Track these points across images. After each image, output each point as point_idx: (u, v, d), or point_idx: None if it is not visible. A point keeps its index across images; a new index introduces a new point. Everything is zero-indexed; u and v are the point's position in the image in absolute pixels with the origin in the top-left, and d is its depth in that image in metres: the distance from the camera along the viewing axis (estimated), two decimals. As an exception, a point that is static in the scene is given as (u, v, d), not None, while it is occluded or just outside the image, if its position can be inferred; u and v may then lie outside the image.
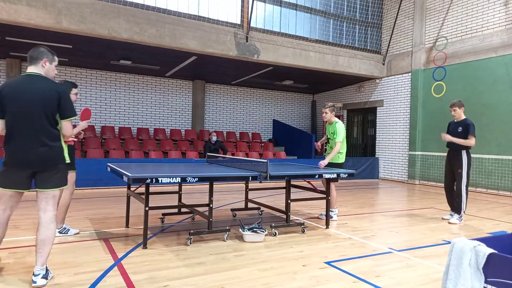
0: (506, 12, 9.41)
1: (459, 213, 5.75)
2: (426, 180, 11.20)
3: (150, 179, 3.67)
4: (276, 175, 4.44)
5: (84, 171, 7.36)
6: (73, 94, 4.20)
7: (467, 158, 5.68)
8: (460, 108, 5.79)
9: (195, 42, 8.93)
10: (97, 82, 11.76)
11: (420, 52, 11.41)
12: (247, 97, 14.59)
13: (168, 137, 12.38)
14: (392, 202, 7.81)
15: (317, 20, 11.17)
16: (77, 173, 4.46)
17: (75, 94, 4.25)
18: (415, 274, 3.46)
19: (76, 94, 4.30)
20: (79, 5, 7.67)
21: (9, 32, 8.09)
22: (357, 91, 13.83)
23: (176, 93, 13.04)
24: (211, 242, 4.29)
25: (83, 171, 7.04)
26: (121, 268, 3.35)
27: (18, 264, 3.41)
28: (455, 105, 5.80)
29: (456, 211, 5.79)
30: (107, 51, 9.48)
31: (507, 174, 9.25)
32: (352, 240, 4.60)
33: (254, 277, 3.24)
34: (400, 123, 12.13)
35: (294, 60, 10.37)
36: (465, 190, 5.67)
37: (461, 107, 5.80)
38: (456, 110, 5.79)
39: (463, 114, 5.84)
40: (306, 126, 15.99)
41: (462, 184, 5.66)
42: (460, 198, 5.69)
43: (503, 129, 9.32)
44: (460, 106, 5.79)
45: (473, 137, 5.60)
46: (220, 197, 7.72)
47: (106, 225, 5.02)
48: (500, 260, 2.15)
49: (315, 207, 6.89)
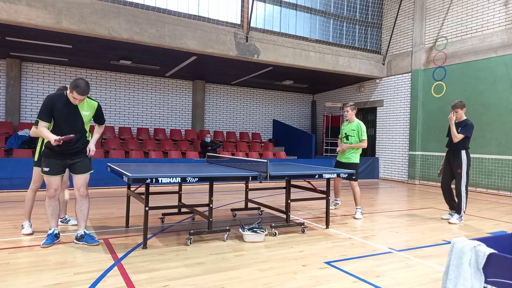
0: (506, 12, 9.41)
1: (459, 213, 5.73)
2: (426, 180, 11.20)
3: (150, 179, 3.67)
4: (276, 175, 4.44)
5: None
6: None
7: (466, 158, 5.69)
8: (462, 109, 5.79)
9: (195, 42, 8.93)
10: (97, 82, 11.76)
11: (420, 52, 11.41)
12: (247, 97, 14.59)
13: (168, 137, 12.39)
14: (392, 202, 7.81)
15: (317, 20, 11.17)
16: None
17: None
18: (415, 274, 3.46)
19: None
20: (79, 5, 7.67)
21: (9, 32, 8.09)
22: (357, 91, 13.83)
23: (176, 93, 13.05)
24: (211, 242, 4.29)
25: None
26: (121, 268, 3.34)
27: (18, 264, 3.41)
28: (457, 106, 5.79)
29: (456, 211, 5.79)
30: (107, 51, 9.48)
31: (507, 174, 9.25)
32: (352, 240, 4.60)
33: (254, 277, 3.24)
34: (400, 123, 12.13)
35: (294, 60, 10.37)
36: (465, 190, 5.67)
37: (462, 108, 5.80)
38: (458, 111, 5.79)
39: (464, 115, 5.84)
40: (306, 126, 15.99)
41: (462, 184, 5.66)
42: (460, 198, 5.69)
43: (503, 129, 9.32)
44: (462, 107, 5.79)
45: (461, 135, 5.64)
46: (220, 197, 7.72)
47: (106, 225, 5.02)
48: (500, 260, 2.15)
49: (315, 207, 6.89)
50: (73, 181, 4.07)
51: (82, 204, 4.03)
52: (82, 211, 4.04)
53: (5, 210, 5.80)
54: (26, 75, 10.86)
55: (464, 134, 5.66)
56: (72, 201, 5.97)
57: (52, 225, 4.03)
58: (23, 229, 4.43)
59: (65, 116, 3.87)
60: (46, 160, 3.94)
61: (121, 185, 8.59)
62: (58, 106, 3.83)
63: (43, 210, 5.82)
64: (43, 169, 3.95)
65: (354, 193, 6.16)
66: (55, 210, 4.01)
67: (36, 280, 3.03)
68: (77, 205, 4.05)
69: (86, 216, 4.07)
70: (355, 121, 6.17)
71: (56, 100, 3.84)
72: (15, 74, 10.56)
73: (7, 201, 6.58)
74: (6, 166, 7.77)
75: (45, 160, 3.95)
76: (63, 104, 3.85)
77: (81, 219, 4.04)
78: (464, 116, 5.84)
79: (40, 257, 3.59)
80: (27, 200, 4.43)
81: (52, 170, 3.93)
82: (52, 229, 4.03)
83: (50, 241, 3.96)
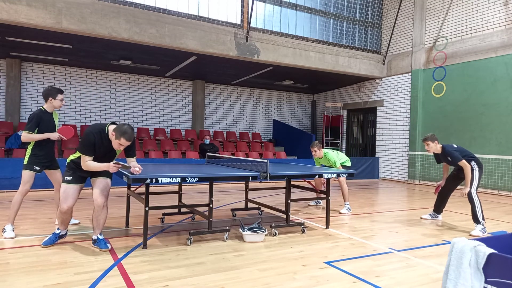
0: (506, 12, 9.41)
1: (478, 222, 5.14)
2: (426, 180, 11.20)
3: (150, 179, 3.67)
4: (276, 175, 4.44)
5: (84, 171, 7.36)
6: (59, 100, 4.54)
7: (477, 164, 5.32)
8: (433, 142, 5.39)
9: (195, 42, 8.93)
10: (97, 82, 11.76)
11: (420, 52, 11.41)
12: (247, 97, 14.59)
13: (168, 137, 12.38)
14: (392, 202, 7.80)
15: (317, 20, 11.17)
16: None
17: (60, 100, 4.57)
18: (415, 274, 3.46)
19: (62, 100, 4.59)
20: (79, 5, 7.67)
21: (9, 32, 8.09)
22: (357, 91, 13.83)
23: (176, 93, 13.05)
24: (211, 242, 4.29)
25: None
26: (121, 268, 3.35)
27: (18, 264, 3.41)
28: (427, 138, 5.42)
29: (474, 221, 5.23)
30: (107, 51, 9.48)
31: (507, 174, 9.25)
32: (352, 240, 4.60)
33: (254, 277, 3.24)
34: (400, 123, 12.13)
35: (294, 60, 10.37)
36: (476, 195, 5.19)
37: (434, 141, 5.40)
38: (429, 144, 5.38)
39: (438, 146, 5.43)
40: (306, 126, 15.99)
41: (472, 188, 5.19)
42: (474, 204, 5.15)
43: (503, 129, 9.32)
44: (433, 140, 5.40)
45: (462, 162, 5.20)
46: (220, 197, 7.72)
47: (106, 225, 5.01)
48: (500, 260, 2.15)
49: (315, 207, 6.89)
50: (94, 188, 3.95)
51: (99, 214, 3.92)
52: (99, 221, 3.94)
53: (5, 210, 5.80)
54: (26, 75, 10.86)
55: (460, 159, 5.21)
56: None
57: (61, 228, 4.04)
58: (5, 233, 4.26)
59: (103, 153, 3.89)
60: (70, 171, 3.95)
61: (121, 185, 8.59)
62: (98, 143, 3.81)
63: (36, 211, 5.82)
64: (65, 178, 3.93)
65: (343, 189, 6.45)
66: (66, 220, 4.02)
67: (36, 280, 3.03)
68: (95, 214, 3.94)
69: (101, 226, 3.98)
70: (323, 154, 6.43)
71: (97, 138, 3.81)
72: (15, 74, 10.56)
73: (7, 201, 6.57)
74: (6, 166, 7.77)
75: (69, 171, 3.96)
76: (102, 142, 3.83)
77: (96, 227, 3.97)
78: (439, 146, 5.43)
79: (40, 257, 3.59)
80: (14, 204, 4.33)
81: (74, 179, 3.92)
82: (59, 231, 4.04)
83: (52, 241, 3.97)
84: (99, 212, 3.91)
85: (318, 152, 6.43)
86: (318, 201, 7.06)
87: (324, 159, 6.46)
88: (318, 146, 6.45)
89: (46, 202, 6.44)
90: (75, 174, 3.95)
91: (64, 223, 4.03)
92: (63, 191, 3.90)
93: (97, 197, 3.89)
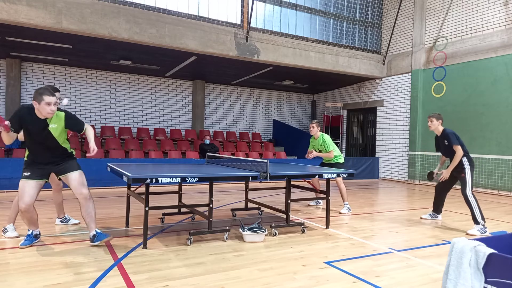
0: (506, 12, 9.41)
1: (477, 223, 5.13)
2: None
3: (150, 179, 3.66)
4: (276, 175, 4.44)
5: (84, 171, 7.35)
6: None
7: (468, 161, 5.38)
8: (437, 120, 5.50)
9: (195, 42, 8.93)
10: (97, 82, 11.76)
11: (420, 52, 11.41)
12: (247, 97, 14.59)
13: (168, 137, 12.38)
14: (392, 202, 7.80)
15: (317, 20, 11.17)
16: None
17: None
18: (415, 274, 3.46)
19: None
20: (79, 5, 7.67)
21: (9, 32, 8.08)
22: (357, 91, 13.83)
23: (176, 93, 13.05)
24: (211, 242, 4.29)
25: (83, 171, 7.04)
26: (121, 268, 3.34)
27: (18, 264, 3.41)
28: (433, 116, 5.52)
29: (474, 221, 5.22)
30: (107, 51, 9.48)
31: (507, 174, 9.25)
32: (352, 240, 4.60)
33: (254, 277, 3.24)
34: (400, 123, 12.13)
35: (294, 60, 10.37)
36: (471, 195, 5.22)
37: (438, 119, 5.50)
38: (433, 121, 5.48)
39: (440, 126, 5.54)
40: (306, 126, 15.99)
41: (467, 189, 5.25)
42: (470, 205, 5.16)
43: (503, 129, 9.32)
44: (438, 118, 5.51)
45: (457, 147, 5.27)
46: (220, 197, 7.72)
47: (106, 225, 5.02)
48: (500, 260, 2.15)
49: (315, 207, 6.89)
50: (70, 186, 3.92)
51: (87, 208, 3.89)
52: (89, 213, 3.89)
53: (5, 210, 5.80)
54: (26, 75, 10.86)
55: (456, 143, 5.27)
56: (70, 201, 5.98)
57: (31, 228, 3.97)
58: (8, 232, 4.26)
59: (37, 130, 3.74)
60: (28, 167, 3.86)
61: (121, 185, 8.59)
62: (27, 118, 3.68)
63: (41, 209, 5.82)
64: (23, 174, 3.81)
65: (340, 189, 6.48)
66: (31, 219, 3.88)
67: (36, 280, 3.03)
68: (83, 210, 3.90)
69: (94, 217, 3.92)
70: (319, 135, 6.57)
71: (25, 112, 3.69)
72: (15, 74, 10.56)
73: (7, 201, 6.57)
74: (6, 166, 7.77)
75: (27, 167, 3.86)
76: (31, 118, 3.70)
77: (90, 222, 3.91)
78: (441, 127, 5.55)
79: (40, 257, 3.59)
80: (15, 204, 4.28)
81: (32, 174, 3.80)
82: (30, 231, 3.98)
83: (29, 242, 3.92)
84: (87, 204, 3.86)
85: (315, 129, 6.57)
86: (318, 201, 7.06)
87: (319, 140, 6.57)
88: (317, 124, 6.60)
89: (46, 202, 6.44)
90: (32, 168, 3.81)
91: (30, 222, 3.89)
92: (20, 189, 3.78)
93: (79, 190, 3.85)
